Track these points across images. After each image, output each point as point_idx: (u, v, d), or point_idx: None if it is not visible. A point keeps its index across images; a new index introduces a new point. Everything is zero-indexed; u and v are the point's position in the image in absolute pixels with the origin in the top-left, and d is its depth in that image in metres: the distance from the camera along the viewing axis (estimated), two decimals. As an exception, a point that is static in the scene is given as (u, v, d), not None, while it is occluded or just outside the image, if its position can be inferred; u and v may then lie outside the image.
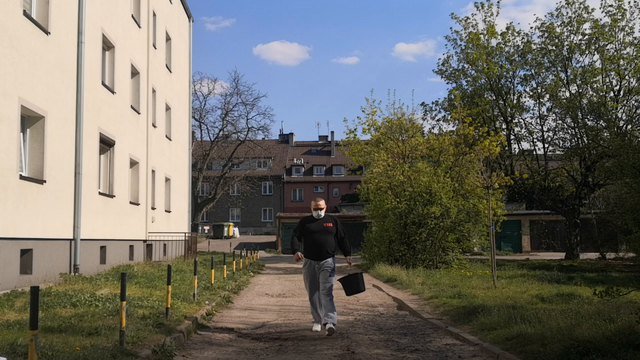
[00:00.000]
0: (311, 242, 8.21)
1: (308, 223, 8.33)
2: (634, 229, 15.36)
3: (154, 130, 22.45)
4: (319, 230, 8.21)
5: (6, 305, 8.74)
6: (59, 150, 13.38)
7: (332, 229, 8.29)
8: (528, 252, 37.79)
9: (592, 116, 27.06)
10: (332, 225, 8.30)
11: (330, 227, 8.28)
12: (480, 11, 28.95)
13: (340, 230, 8.41)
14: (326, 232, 8.23)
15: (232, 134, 51.75)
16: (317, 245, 8.17)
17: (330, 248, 8.22)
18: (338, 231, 8.36)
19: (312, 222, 8.32)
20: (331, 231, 8.27)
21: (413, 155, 23.50)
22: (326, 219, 8.39)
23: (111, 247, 16.91)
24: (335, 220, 8.48)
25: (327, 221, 8.35)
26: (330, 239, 8.24)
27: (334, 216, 8.82)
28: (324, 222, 8.30)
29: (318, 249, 8.16)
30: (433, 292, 12.27)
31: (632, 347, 5.84)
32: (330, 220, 8.41)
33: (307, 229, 8.26)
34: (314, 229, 8.23)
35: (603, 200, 31.49)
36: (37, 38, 12.42)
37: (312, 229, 8.24)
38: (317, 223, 8.29)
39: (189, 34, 30.63)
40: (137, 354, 5.93)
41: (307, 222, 8.37)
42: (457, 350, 7.08)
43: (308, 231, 8.23)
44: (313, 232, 8.21)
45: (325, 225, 8.26)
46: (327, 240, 8.20)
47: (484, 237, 22.36)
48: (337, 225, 8.38)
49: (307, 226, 8.28)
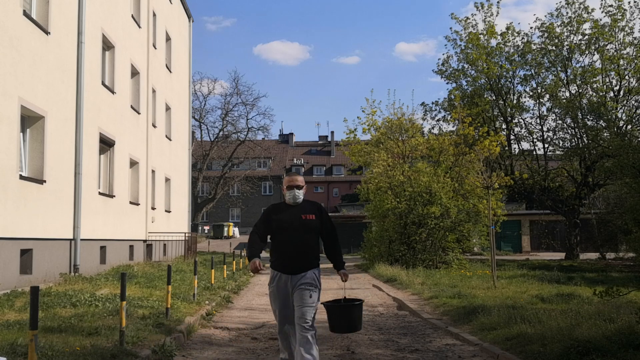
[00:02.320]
0: (282, 244, 5.26)
1: (278, 213, 5.35)
2: (634, 229, 15.35)
3: (154, 130, 22.45)
4: (294, 226, 5.23)
5: (6, 305, 8.74)
6: (59, 150, 13.38)
7: (315, 223, 5.30)
8: (528, 252, 37.78)
9: (592, 116, 27.06)
10: (314, 218, 5.31)
11: (313, 221, 5.29)
12: (480, 11, 29.00)
13: (328, 224, 5.44)
14: (306, 227, 5.25)
15: (232, 134, 51.76)
16: (291, 250, 5.20)
17: (313, 253, 5.28)
18: (324, 226, 5.38)
19: (284, 212, 5.33)
20: (313, 226, 5.29)
21: (413, 155, 23.53)
22: (306, 206, 5.38)
23: (111, 247, 16.91)
24: (319, 208, 5.45)
25: (308, 210, 5.34)
26: (312, 239, 5.32)
27: (319, 204, 5.57)
28: (302, 213, 5.29)
29: (293, 256, 5.20)
30: (433, 292, 12.27)
31: (632, 347, 5.84)
32: (312, 209, 5.38)
33: (275, 223, 5.29)
34: (287, 222, 5.25)
35: (603, 200, 31.48)
36: (37, 38, 12.42)
37: (284, 223, 5.25)
38: (291, 213, 5.30)
39: (189, 34, 30.64)
40: (137, 354, 5.93)
41: (276, 211, 5.38)
42: (457, 350, 7.08)
43: (278, 226, 5.27)
44: (285, 228, 5.24)
45: (304, 218, 5.27)
46: (306, 240, 5.25)
47: (484, 237, 22.37)
48: (322, 216, 5.39)
49: (276, 218, 5.31)
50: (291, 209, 5.33)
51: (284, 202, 5.44)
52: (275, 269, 5.27)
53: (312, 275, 5.20)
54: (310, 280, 5.17)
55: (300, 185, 5.36)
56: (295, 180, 5.37)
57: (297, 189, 5.33)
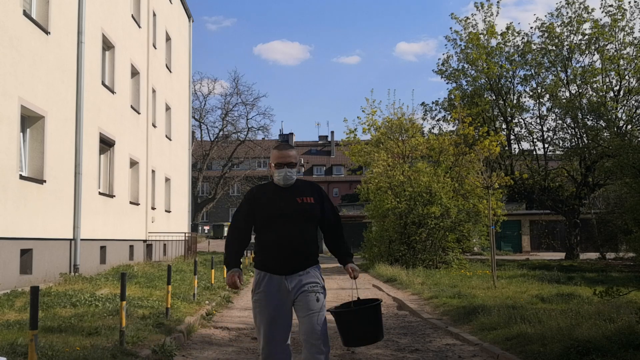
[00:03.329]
0: (272, 237, 4.03)
1: (265, 198, 4.11)
2: (634, 229, 15.32)
3: (154, 130, 22.46)
4: (287, 212, 4.01)
5: (6, 305, 8.74)
6: (59, 150, 13.38)
7: (315, 209, 4.11)
8: (528, 252, 37.78)
9: (592, 116, 27.07)
10: (313, 202, 4.11)
11: (311, 205, 4.09)
12: (480, 11, 29.02)
13: (330, 211, 4.24)
14: (303, 213, 4.04)
15: (232, 134, 51.81)
16: (284, 243, 3.99)
17: (312, 248, 4.08)
18: (326, 213, 4.19)
19: (274, 195, 4.10)
20: (312, 212, 4.09)
21: (413, 155, 23.54)
22: (302, 188, 4.17)
23: (111, 247, 16.91)
24: (319, 191, 4.24)
25: (305, 192, 4.14)
26: (311, 229, 4.10)
27: (318, 185, 4.33)
28: (297, 195, 4.09)
29: (286, 251, 3.99)
30: (433, 292, 12.27)
31: (632, 347, 5.84)
32: (310, 190, 4.18)
33: (263, 211, 4.06)
34: (278, 208, 4.03)
35: (603, 200, 31.48)
36: (37, 38, 12.42)
37: (274, 209, 4.04)
38: (283, 196, 4.08)
39: (189, 34, 30.65)
40: (137, 354, 5.93)
41: (262, 195, 4.13)
42: (457, 350, 7.08)
43: (266, 214, 4.04)
44: (275, 217, 4.02)
45: (300, 201, 4.06)
46: (304, 230, 4.04)
47: (484, 237, 22.38)
48: (323, 200, 4.20)
49: (264, 204, 4.07)
50: (282, 191, 4.08)
51: (272, 183, 4.16)
52: (263, 269, 4.00)
53: (313, 274, 4.00)
54: (312, 279, 3.97)
55: (293, 162, 4.10)
56: (287, 156, 4.07)
57: (288, 167, 4.05)
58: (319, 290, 4.00)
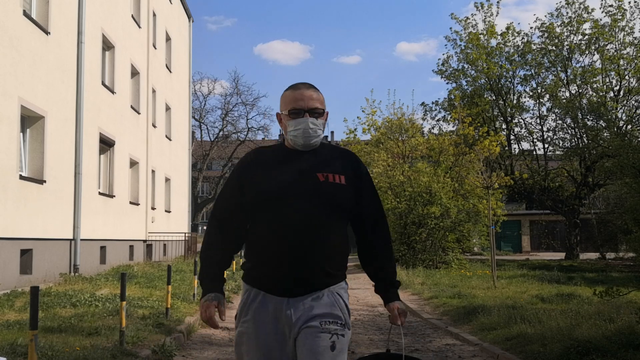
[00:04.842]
0: (269, 232, 2.38)
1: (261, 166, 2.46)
2: (634, 229, 15.31)
3: (154, 130, 22.46)
4: (298, 191, 2.37)
5: (6, 305, 8.74)
6: (59, 150, 13.38)
7: (345, 194, 2.42)
8: (528, 252, 37.78)
9: (592, 116, 27.06)
10: (344, 183, 2.42)
11: (340, 187, 2.40)
12: (480, 11, 28.98)
13: (370, 200, 2.55)
14: (324, 198, 2.36)
15: (232, 134, 51.77)
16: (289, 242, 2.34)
17: (334, 252, 2.45)
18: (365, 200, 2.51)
19: (279, 164, 2.45)
20: (341, 197, 2.41)
21: (413, 155, 23.55)
22: (329, 156, 2.49)
23: (111, 247, 16.91)
24: (356, 165, 2.51)
25: (333, 165, 2.45)
26: (336, 223, 2.43)
27: (354, 155, 2.57)
28: (319, 167, 2.42)
29: (292, 256, 2.34)
30: (433, 292, 12.28)
31: (632, 347, 5.84)
32: (341, 162, 2.48)
33: (255, 188, 2.40)
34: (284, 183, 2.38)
35: (603, 200, 31.48)
36: (37, 38, 12.42)
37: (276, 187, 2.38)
38: (295, 166, 2.43)
39: (189, 34, 30.65)
40: (137, 354, 5.93)
41: (258, 162, 2.48)
42: (457, 350, 7.08)
43: (263, 193, 2.38)
44: (278, 197, 2.36)
45: (323, 178, 2.39)
46: (323, 224, 2.37)
47: (484, 237, 22.39)
48: (361, 181, 2.50)
49: (258, 175, 2.42)
50: (296, 158, 2.47)
51: (280, 145, 2.56)
52: (254, 284, 2.48)
53: (332, 300, 2.43)
54: (330, 309, 2.41)
55: (320, 108, 2.45)
56: (310, 98, 2.43)
57: (311, 117, 2.42)
58: (338, 330, 2.39)
